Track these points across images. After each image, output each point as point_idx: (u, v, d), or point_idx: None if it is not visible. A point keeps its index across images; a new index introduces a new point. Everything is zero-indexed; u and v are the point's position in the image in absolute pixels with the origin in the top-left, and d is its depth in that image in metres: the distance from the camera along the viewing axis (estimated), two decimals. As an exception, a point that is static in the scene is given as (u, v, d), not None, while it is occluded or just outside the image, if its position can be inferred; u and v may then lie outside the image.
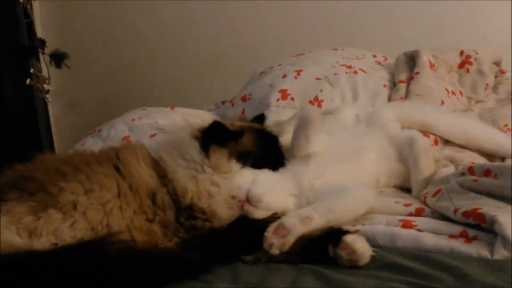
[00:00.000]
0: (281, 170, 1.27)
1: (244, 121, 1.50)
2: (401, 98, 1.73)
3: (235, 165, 1.22)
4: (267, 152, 1.30)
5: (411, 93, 1.70)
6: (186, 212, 1.16)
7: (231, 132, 1.28)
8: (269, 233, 1.00)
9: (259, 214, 1.14)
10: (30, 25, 2.45)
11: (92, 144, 1.67)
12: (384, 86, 1.80)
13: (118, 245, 0.97)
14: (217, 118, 1.67)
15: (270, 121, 1.64)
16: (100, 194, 1.08)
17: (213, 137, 1.24)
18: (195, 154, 1.22)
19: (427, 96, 1.69)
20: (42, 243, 0.98)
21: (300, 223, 1.02)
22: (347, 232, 1.01)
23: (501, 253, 0.94)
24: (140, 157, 1.20)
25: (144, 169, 1.18)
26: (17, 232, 0.98)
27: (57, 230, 1.00)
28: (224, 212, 1.16)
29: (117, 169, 1.15)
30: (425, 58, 1.81)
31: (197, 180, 1.18)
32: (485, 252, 0.96)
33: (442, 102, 1.70)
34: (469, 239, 1.01)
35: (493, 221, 0.97)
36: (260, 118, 1.53)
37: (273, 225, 1.01)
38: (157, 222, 1.13)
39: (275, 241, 0.99)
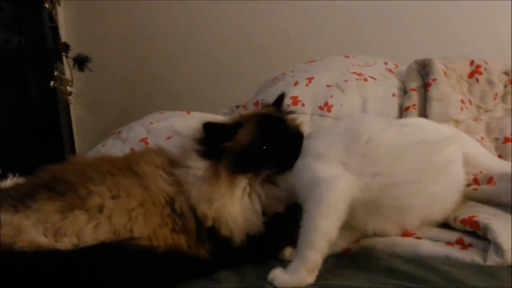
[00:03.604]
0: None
1: (262, 107, 1.39)
2: (414, 105, 1.75)
3: (238, 181, 1.15)
4: (268, 144, 1.17)
5: (432, 99, 1.71)
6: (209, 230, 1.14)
7: (227, 127, 1.20)
8: None
9: None
10: (55, 29, 2.55)
11: (112, 145, 1.75)
12: (393, 95, 1.82)
13: (138, 248, 1.02)
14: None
15: None
16: (127, 200, 1.10)
17: (207, 141, 1.17)
18: (196, 167, 1.17)
19: (448, 100, 1.70)
20: (65, 243, 1.01)
21: None
22: None
23: (493, 260, 0.98)
24: (159, 165, 1.20)
25: (162, 177, 1.18)
26: (44, 231, 1.01)
27: (81, 231, 1.03)
28: (241, 235, 1.14)
29: (139, 181, 1.16)
30: (438, 66, 1.82)
31: (212, 204, 1.13)
32: (478, 259, 1.00)
33: (462, 108, 1.71)
34: (464, 246, 1.05)
35: (486, 228, 1.01)
36: (280, 99, 1.36)
37: None
38: (182, 234, 1.13)
39: None
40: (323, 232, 0.99)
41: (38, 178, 1.14)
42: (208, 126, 1.17)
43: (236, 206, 1.14)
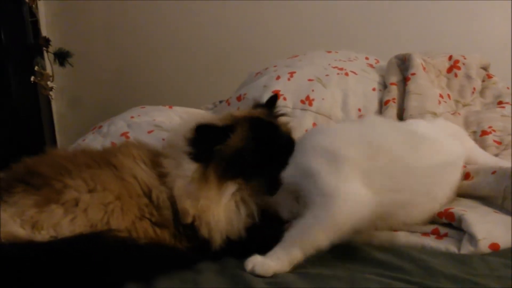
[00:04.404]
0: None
1: (254, 107, 1.36)
2: (393, 99, 1.77)
3: (227, 187, 1.14)
4: (260, 151, 1.16)
5: (410, 92, 1.74)
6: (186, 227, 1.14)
7: (220, 130, 1.17)
8: None
9: None
10: (35, 24, 2.52)
11: (93, 140, 1.73)
12: (374, 89, 1.84)
13: (116, 238, 1.01)
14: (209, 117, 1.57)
15: None
16: (103, 194, 1.10)
17: (199, 143, 1.15)
18: (187, 168, 1.15)
19: (425, 94, 1.73)
20: (43, 235, 1.01)
21: None
22: None
23: (467, 249, 1.01)
24: (138, 158, 1.20)
25: (141, 168, 1.17)
26: (21, 224, 1.02)
27: (57, 224, 1.03)
28: (221, 238, 1.13)
29: (115, 173, 1.15)
30: (418, 61, 1.86)
31: (197, 201, 1.12)
32: (453, 248, 1.03)
33: (439, 102, 1.74)
34: (440, 236, 1.08)
35: (461, 219, 1.05)
36: (272, 100, 1.36)
37: None
38: (165, 228, 1.13)
39: None
40: (318, 245, 0.97)
41: (13, 172, 1.14)
42: (201, 129, 1.15)
43: (221, 209, 1.13)
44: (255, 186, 1.16)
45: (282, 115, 1.35)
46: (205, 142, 1.15)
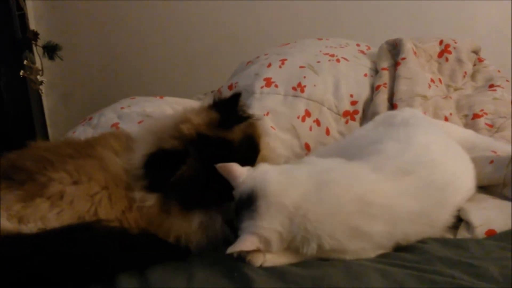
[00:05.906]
0: None
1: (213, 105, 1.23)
2: (384, 84, 1.78)
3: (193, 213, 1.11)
4: (214, 177, 1.07)
5: (400, 77, 1.75)
6: None
7: (170, 160, 1.09)
8: None
9: None
10: (23, 17, 2.48)
11: (83, 132, 1.72)
12: (365, 75, 1.84)
13: (103, 228, 1.00)
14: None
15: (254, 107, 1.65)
16: (89, 185, 1.07)
17: (153, 175, 1.10)
18: (148, 196, 1.11)
19: (415, 78, 1.74)
20: (30, 228, 0.99)
21: None
22: None
23: (463, 236, 1.02)
24: (117, 150, 1.17)
25: (117, 163, 1.14)
26: (8, 218, 1.00)
27: (44, 218, 1.01)
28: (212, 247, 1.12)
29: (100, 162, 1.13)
30: (409, 45, 1.86)
31: (170, 234, 1.10)
32: (448, 236, 1.03)
33: (429, 86, 1.74)
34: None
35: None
36: (233, 100, 1.22)
37: None
38: None
39: None
40: None
41: None
42: (151, 160, 1.10)
43: (197, 233, 1.11)
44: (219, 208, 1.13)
45: (246, 117, 1.23)
46: (157, 174, 1.09)
